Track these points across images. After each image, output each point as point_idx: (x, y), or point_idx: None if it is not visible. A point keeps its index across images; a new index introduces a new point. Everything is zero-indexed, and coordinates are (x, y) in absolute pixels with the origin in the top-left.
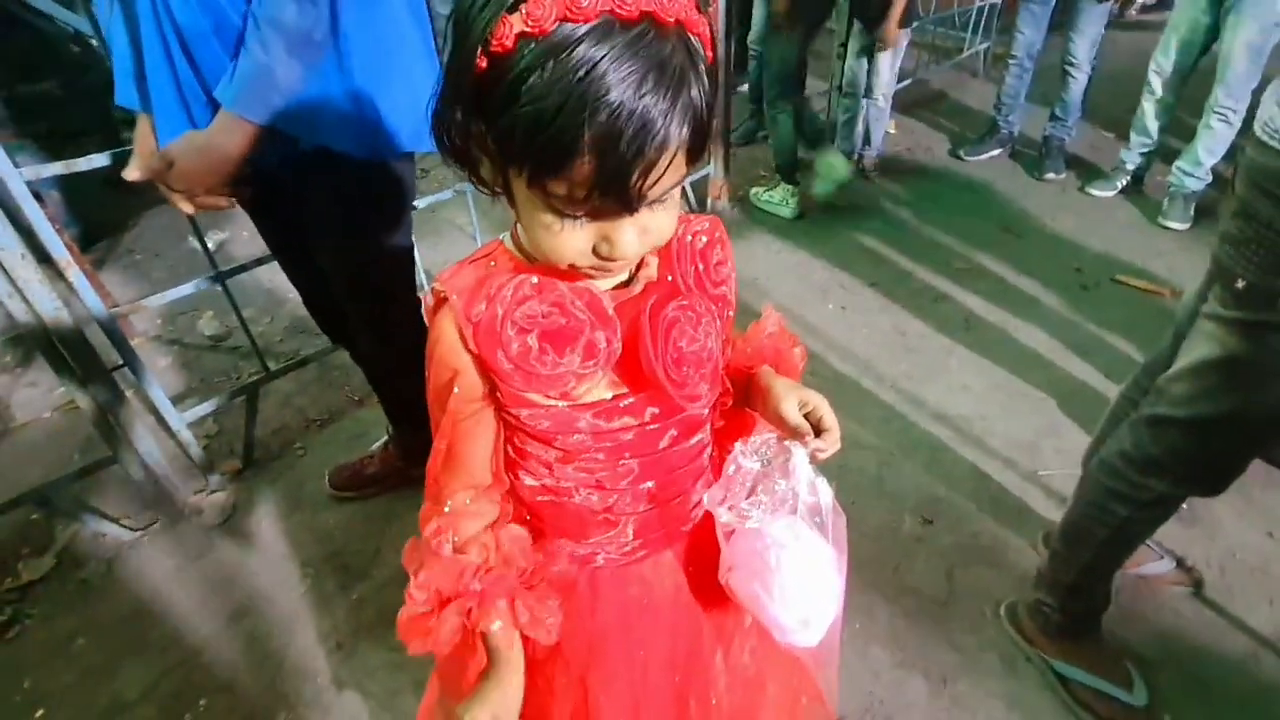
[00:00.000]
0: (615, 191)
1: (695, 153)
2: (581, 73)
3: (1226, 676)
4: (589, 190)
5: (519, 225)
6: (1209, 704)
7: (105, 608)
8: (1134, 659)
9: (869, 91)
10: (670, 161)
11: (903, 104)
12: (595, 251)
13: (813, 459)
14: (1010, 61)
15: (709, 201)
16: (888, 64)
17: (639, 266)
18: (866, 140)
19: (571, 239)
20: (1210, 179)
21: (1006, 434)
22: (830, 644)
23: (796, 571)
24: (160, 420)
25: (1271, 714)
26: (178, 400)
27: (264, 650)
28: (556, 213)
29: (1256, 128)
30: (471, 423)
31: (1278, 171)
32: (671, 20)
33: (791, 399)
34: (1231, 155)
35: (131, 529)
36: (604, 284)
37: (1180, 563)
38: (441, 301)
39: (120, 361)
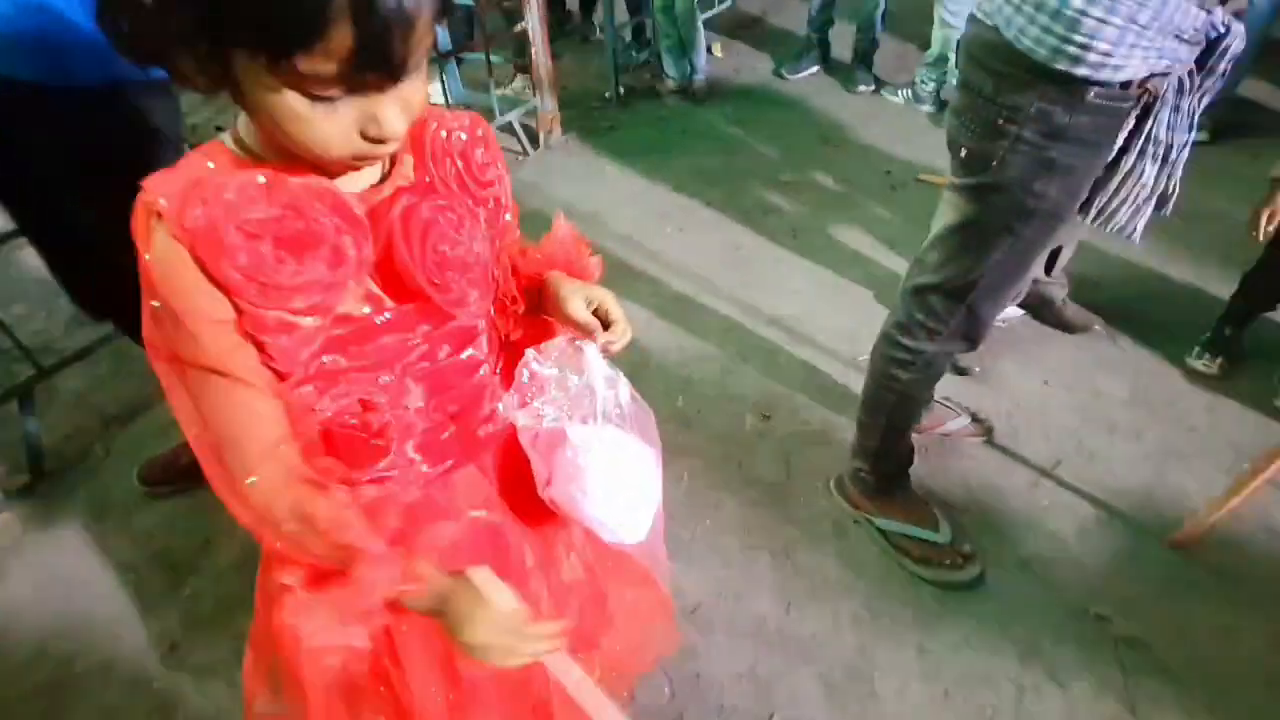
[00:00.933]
0: (378, 62)
1: (445, 8)
2: None
3: (1013, 505)
4: (349, 64)
5: (246, 121)
6: (999, 530)
7: None
8: (941, 505)
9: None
10: (429, 19)
11: (727, 27)
12: (363, 135)
13: (605, 353)
14: None
15: (541, 136)
16: None
17: (392, 164)
18: (692, 65)
19: (332, 126)
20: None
21: (832, 328)
22: (657, 534)
23: (606, 470)
24: None
25: (1048, 530)
26: None
27: (85, 669)
28: (309, 97)
29: (974, 8)
30: (241, 356)
31: (983, 40)
32: None
33: (578, 297)
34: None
35: None
36: (349, 185)
37: (974, 417)
38: (150, 216)
39: None
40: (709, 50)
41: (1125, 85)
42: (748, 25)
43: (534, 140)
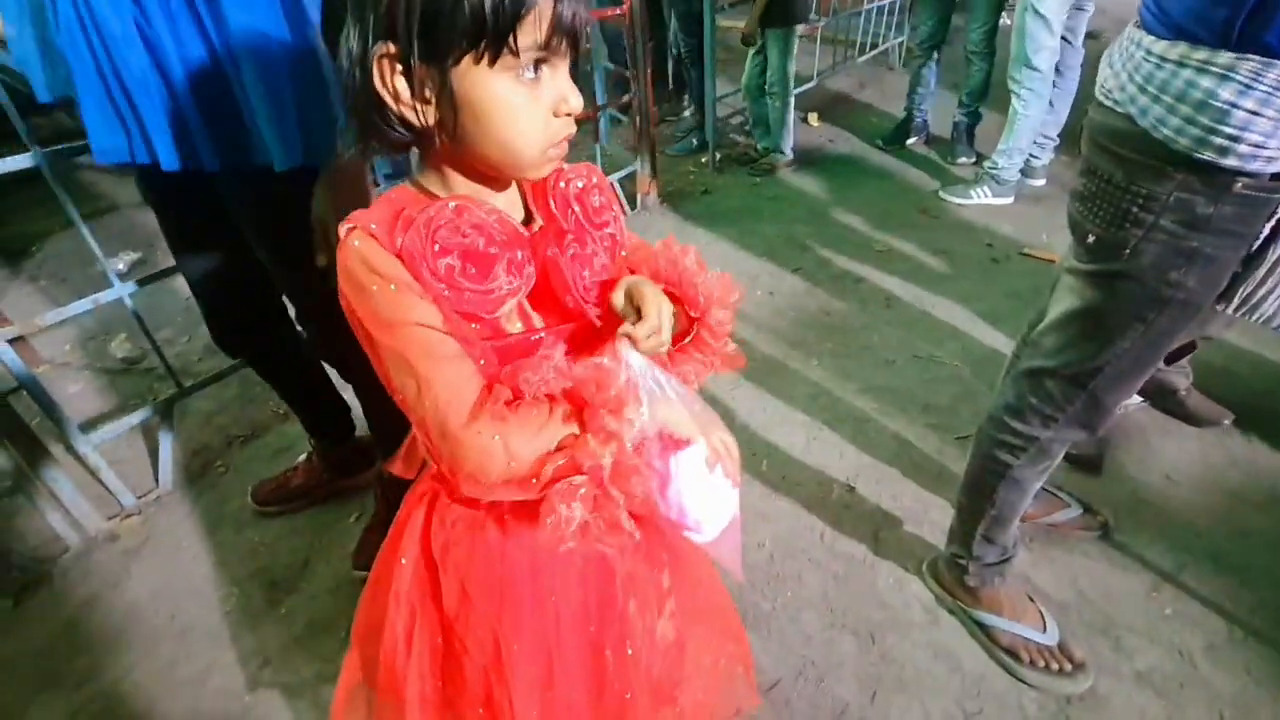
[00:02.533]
0: (570, 17)
1: None
2: None
3: (1130, 611)
4: (552, 26)
5: (425, 170)
6: (1114, 637)
7: (14, 644)
8: (1047, 601)
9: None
10: None
11: (823, 100)
12: (555, 113)
13: (637, 347)
14: (915, 54)
15: (639, 198)
16: (775, 63)
17: (528, 207)
18: (779, 141)
19: (534, 109)
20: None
21: (926, 402)
22: (732, 534)
23: (693, 463)
24: (69, 447)
25: (1172, 641)
26: (90, 425)
27: (188, 672)
28: (519, 80)
29: (1096, 89)
30: (446, 339)
31: (1112, 129)
32: None
33: (622, 288)
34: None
35: (40, 561)
36: (513, 215)
37: (1086, 508)
38: (364, 239)
39: (14, 386)
40: (804, 120)
41: (1276, 176)
42: (844, 100)
43: (631, 201)
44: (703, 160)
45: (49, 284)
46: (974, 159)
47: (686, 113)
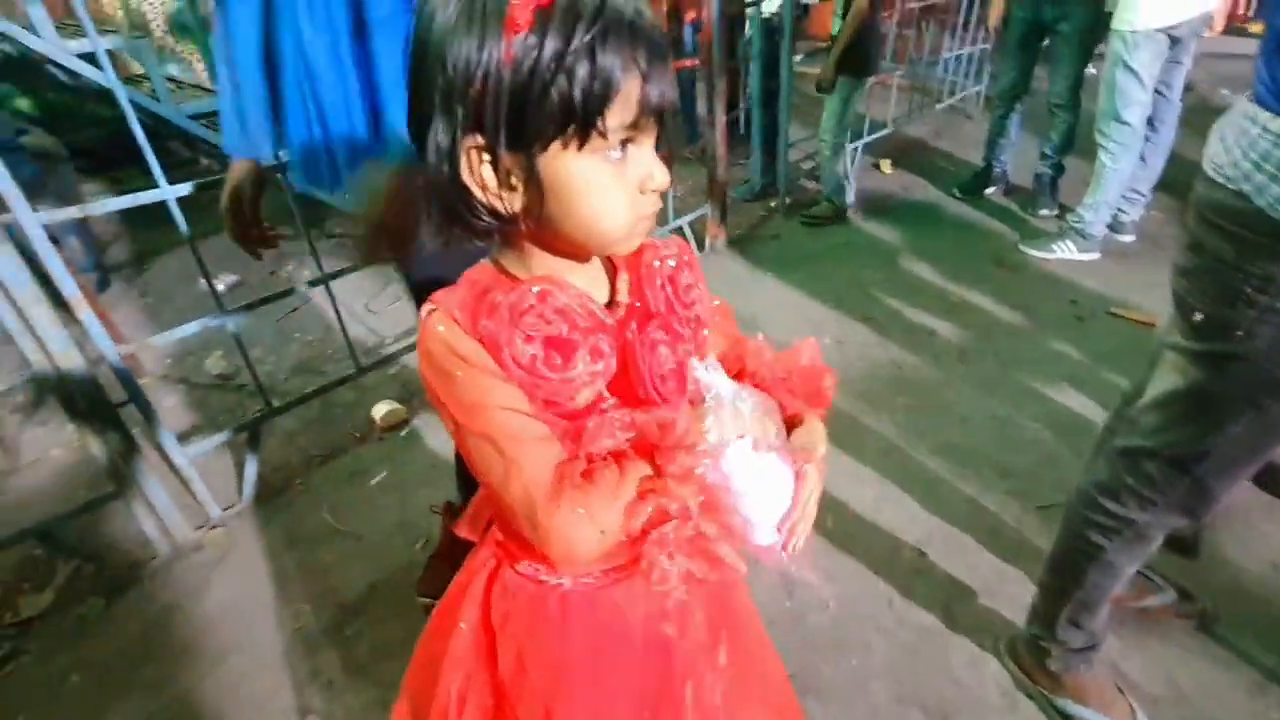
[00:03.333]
0: (657, 98)
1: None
2: (597, 7)
3: (1230, 709)
4: (640, 105)
5: (506, 252)
6: None
7: (100, 645)
8: (1137, 694)
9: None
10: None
11: (899, 146)
12: (641, 190)
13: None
14: (995, 103)
15: (707, 241)
16: (832, 108)
17: (613, 291)
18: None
19: (620, 188)
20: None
21: (1005, 466)
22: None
23: (751, 464)
24: (164, 457)
25: None
26: (183, 438)
27: (254, 689)
28: (606, 161)
29: (1204, 163)
30: (525, 420)
31: (1223, 205)
32: None
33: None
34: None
35: (131, 566)
36: (597, 296)
37: (1183, 594)
38: (448, 322)
39: (126, 398)
40: (876, 167)
41: None
42: (919, 146)
43: (700, 243)
44: (772, 205)
45: (155, 301)
46: (1057, 212)
47: (752, 157)
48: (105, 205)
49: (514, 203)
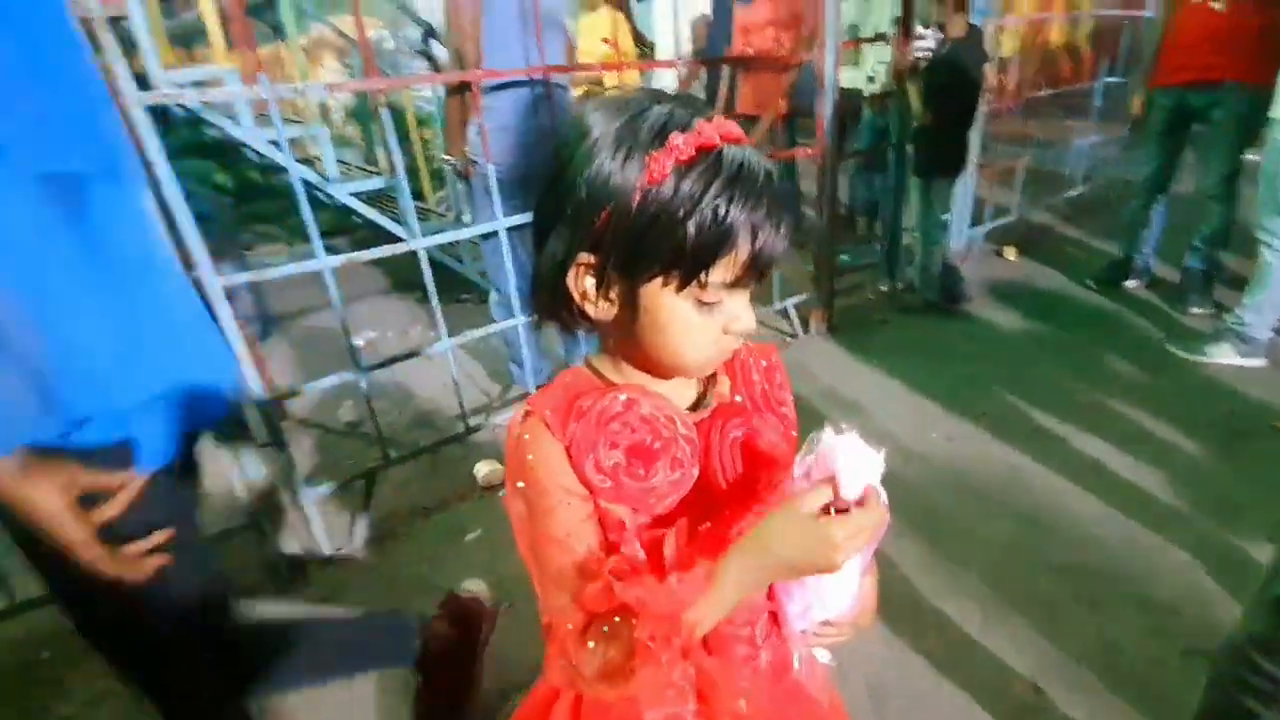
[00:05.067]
0: (764, 266)
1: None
2: (733, 172)
3: None
4: (744, 270)
5: (601, 356)
6: None
7: None
8: None
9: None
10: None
11: (1025, 233)
12: (725, 331)
13: None
14: (1136, 192)
15: (813, 323)
16: (915, 205)
17: (705, 390)
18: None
19: (708, 327)
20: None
21: (1138, 596)
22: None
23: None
24: (294, 496)
25: None
26: (309, 479)
27: None
28: (699, 303)
29: None
30: (587, 529)
31: None
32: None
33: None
34: None
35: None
36: (680, 402)
37: None
38: (538, 422)
39: (268, 440)
40: (998, 254)
41: None
42: (1047, 232)
43: (805, 325)
44: (882, 289)
45: (304, 351)
46: (1212, 310)
47: (871, 242)
48: (273, 271)
49: (608, 312)
